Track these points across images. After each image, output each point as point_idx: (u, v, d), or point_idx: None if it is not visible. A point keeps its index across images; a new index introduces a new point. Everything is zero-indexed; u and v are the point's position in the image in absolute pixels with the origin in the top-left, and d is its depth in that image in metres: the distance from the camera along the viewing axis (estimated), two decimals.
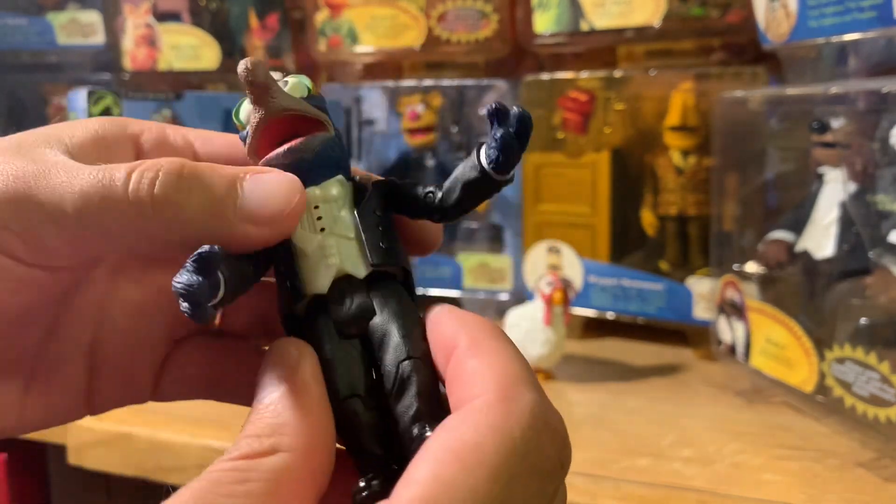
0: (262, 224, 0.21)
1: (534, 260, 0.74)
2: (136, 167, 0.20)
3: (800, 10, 0.54)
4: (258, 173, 0.21)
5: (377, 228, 0.22)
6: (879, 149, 0.51)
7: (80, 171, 0.20)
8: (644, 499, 0.44)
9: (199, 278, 0.19)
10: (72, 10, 0.92)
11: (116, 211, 0.20)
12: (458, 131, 0.80)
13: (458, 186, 0.22)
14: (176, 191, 0.20)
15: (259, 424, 0.19)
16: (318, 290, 0.22)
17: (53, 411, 0.24)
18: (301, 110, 0.22)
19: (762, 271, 0.60)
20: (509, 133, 0.21)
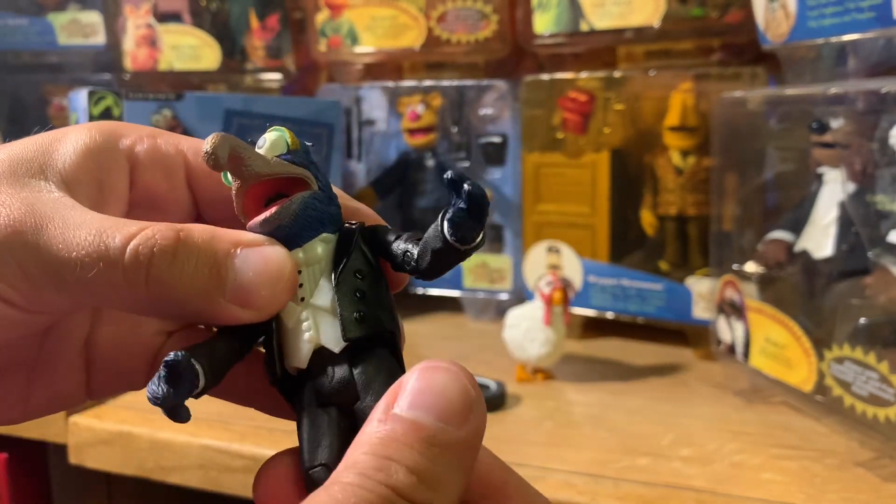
0: (249, 307, 0.21)
1: (533, 260, 0.74)
2: (132, 237, 0.20)
3: (799, 10, 0.54)
4: (251, 246, 0.22)
5: (354, 296, 0.22)
6: (879, 149, 0.51)
7: (77, 233, 0.20)
8: (643, 498, 0.44)
9: (167, 388, 0.21)
10: (72, 11, 0.93)
11: (111, 281, 0.20)
12: (458, 131, 0.81)
13: (427, 252, 0.22)
14: (168, 272, 0.20)
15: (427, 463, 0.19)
16: (297, 365, 0.22)
17: (56, 400, 0.25)
18: (276, 173, 0.22)
19: (761, 271, 0.60)
20: (462, 211, 0.21)
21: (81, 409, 0.57)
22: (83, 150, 0.23)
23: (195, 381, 0.21)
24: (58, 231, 0.20)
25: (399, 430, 0.18)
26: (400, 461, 0.18)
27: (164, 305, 0.21)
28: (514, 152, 0.78)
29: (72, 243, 0.20)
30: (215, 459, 0.51)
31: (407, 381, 0.19)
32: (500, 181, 0.80)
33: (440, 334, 0.76)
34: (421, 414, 0.19)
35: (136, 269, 0.20)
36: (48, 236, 0.20)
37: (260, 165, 0.22)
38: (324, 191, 0.23)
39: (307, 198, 0.22)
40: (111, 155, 0.24)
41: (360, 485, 0.17)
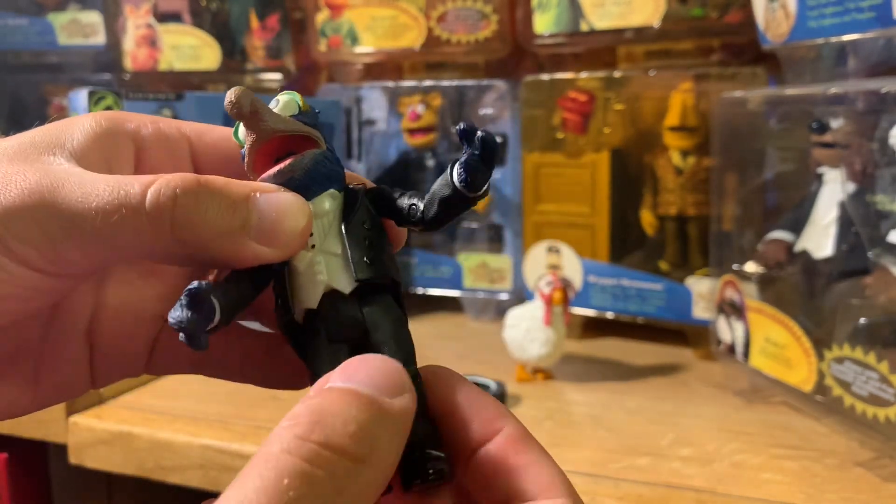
0: (272, 244, 0.22)
1: (533, 260, 0.74)
2: (150, 182, 0.21)
3: (799, 10, 0.55)
4: (268, 192, 0.22)
5: (363, 242, 0.23)
6: (878, 149, 0.51)
7: (95, 185, 0.21)
8: (643, 498, 0.44)
9: (190, 314, 0.21)
10: (73, 11, 0.93)
11: (134, 227, 0.20)
12: None
13: (435, 202, 0.24)
14: (193, 210, 0.21)
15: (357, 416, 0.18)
16: (308, 306, 0.23)
17: (62, 389, 0.25)
18: (290, 130, 0.23)
19: (761, 271, 0.60)
20: (475, 156, 0.22)
21: (82, 409, 0.57)
22: (90, 133, 0.23)
23: (212, 315, 0.22)
24: (74, 187, 0.21)
25: (333, 397, 0.18)
26: (336, 413, 0.18)
27: (188, 248, 0.21)
28: (514, 152, 0.78)
29: (90, 195, 0.20)
30: (215, 459, 0.51)
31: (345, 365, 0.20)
32: (500, 181, 0.80)
33: (440, 334, 0.76)
34: (355, 384, 0.19)
35: (159, 211, 0.20)
36: (65, 192, 0.21)
37: (275, 121, 0.23)
38: (332, 151, 0.24)
39: (317, 155, 0.24)
40: (117, 138, 0.24)
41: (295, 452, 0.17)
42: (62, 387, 0.25)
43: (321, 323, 0.23)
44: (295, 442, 0.17)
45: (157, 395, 0.59)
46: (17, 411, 0.25)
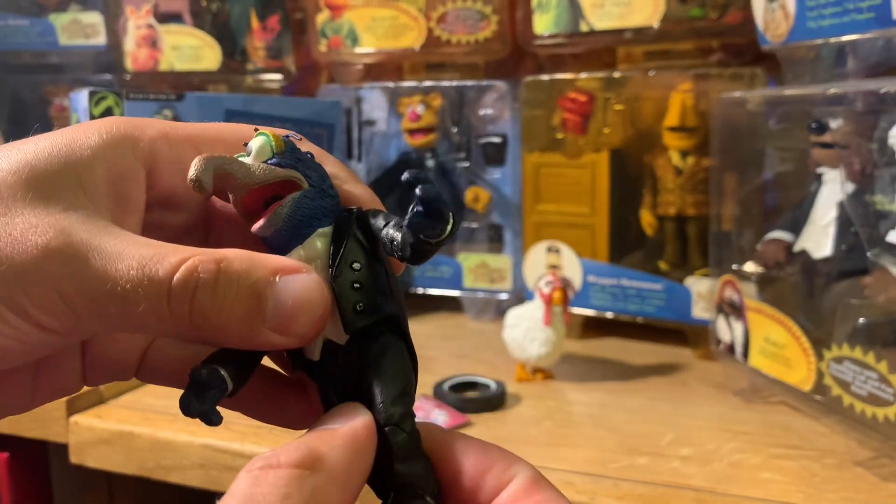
0: (287, 334, 0.22)
1: (533, 260, 0.74)
2: (175, 268, 0.21)
3: (798, 10, 0.55)
4: (287, 274, 0.22)
5: (352, 288, 0.23)
6: (878, 149, 0.51)
7: (120, 263, 0.21)
8: (643, 497, 0.44)
9: (197, 401, 0.22)
10: (73, 11, 0.93)
11: (156, 314, 0.21)
12: (458, 132, 0.81)
13: (406, 246, 0.23)
14: (211, 302, 0.21)
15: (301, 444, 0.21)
16: (311, 357, 0.24)
17: (58, 389, 0.26)
18: (264, 181, 0.23)
19: (761, 271, 0.60)
20: (419, 215, 0.22)
21: (82, 409, 0.57)
22: (102, 160, 0.23)
23: (224, 386, 0.22)
24: (98, 262, 0.21)
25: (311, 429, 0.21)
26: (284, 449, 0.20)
27: (205, 333, 0.21)
28: (514, 152, 0.78)
29: (115, 276, 0.20)
30: (215, 459, 0.51)
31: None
32: (500, 181, 0.80)
33: (440, 334, 0.76)
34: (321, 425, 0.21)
35: (181, 300, 0.21)
36: (90, 267, 0.21)
37: (246, 176, 0.23)
38: (315, 185, 0.24)
39: (297, 199, 0.23)
40: (129, 164, 0.24)
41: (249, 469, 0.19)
42: (57, 390, 0.26)
43: (324, 376, 0.24)
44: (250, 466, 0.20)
45: (157, 395, 0.60)
46: (13, 413, 0.25)
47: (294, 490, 0.19)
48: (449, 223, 0.22)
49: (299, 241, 0.23)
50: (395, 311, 0.24)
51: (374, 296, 0.23)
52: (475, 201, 0.80)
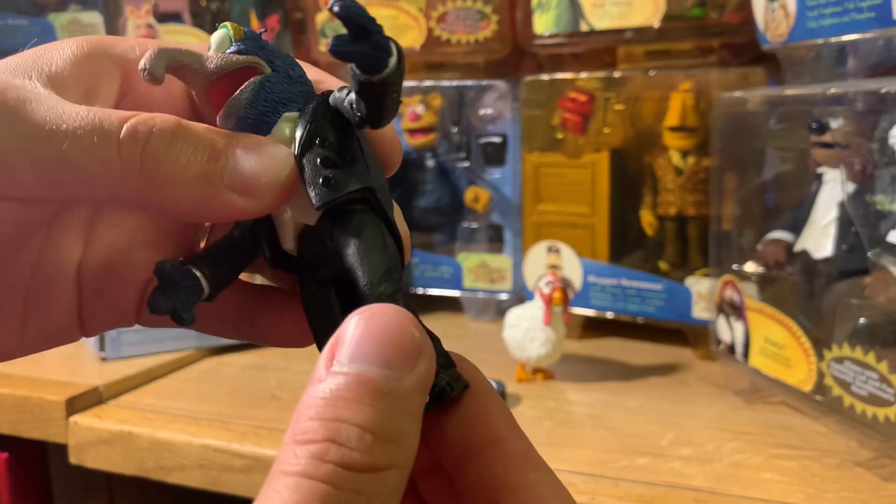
0: (247, 194, 0.20)
1: (533, 260, 0.74)
2: (128, 117, 0.19)
3: (799, 10, 0.55)
4: (253, 142, 0.21)
5: (317, 164, 0.21)
6: (878, 149, 0.51)
7: (68, 108, 0.19)
8: (643, 498, 0.44)
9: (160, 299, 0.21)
10: (73, 11, 0.93)
11: (104, 158, 0.19)
12: (458, 131, 0.81)
13: (360, 99, 0.21)
14: (166, 151, 0.19)
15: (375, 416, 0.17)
16: (287, 248, 0.22)
17: (50, 334, 0.24)
18: (223, 68, 0.22)
19: (761, 271, 0.60)
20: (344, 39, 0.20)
21: (82, 409, 0.57)
22: (71, 56, 0.22)
23: (196, 287, 0.21)
24: (44, 105, 0.19)
25: (343, 386, 0.17)
26: (350, 421, 0.16)
27: (157, 192, 0.20)
28: (514, 152, 0.78)
29: (62, 115, 0.19)
30: (215, 459, 0.51)
31: (345, 331, 0.18)
32: (500, 181, 0.80)
33: (440, 334, 0.76)
34: (365, 366, 0.17)
35: (132, 145, 0.19)
36: (32, 109, 0.19)
37: (202, 66, 0.22)
38: (279, 71, 0.22)
39: (257, 83, 0.22)
40: (101, 62, 0.23)
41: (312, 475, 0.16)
42: (50, 332, 0.24)
43: (302, 266, 0.22)
44: (312, 464, 0.16)
45: (157, 395, 0.60)
46: (2, 353, 0.23)
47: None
48: (391, 54, 0.20)
49: (268, 129, 0.22)
50: (371, 185, 0.21)
51: (346, 172, 0.21)
52: (475, 201, 0.80)
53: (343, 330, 0.18)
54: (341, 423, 0.16)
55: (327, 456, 0.16)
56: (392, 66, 0.20)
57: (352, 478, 0.16)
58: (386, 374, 0.17)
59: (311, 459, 0.16)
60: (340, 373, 0.17)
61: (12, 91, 0.20)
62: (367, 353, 0.17)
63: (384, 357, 0.17)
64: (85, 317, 0.25)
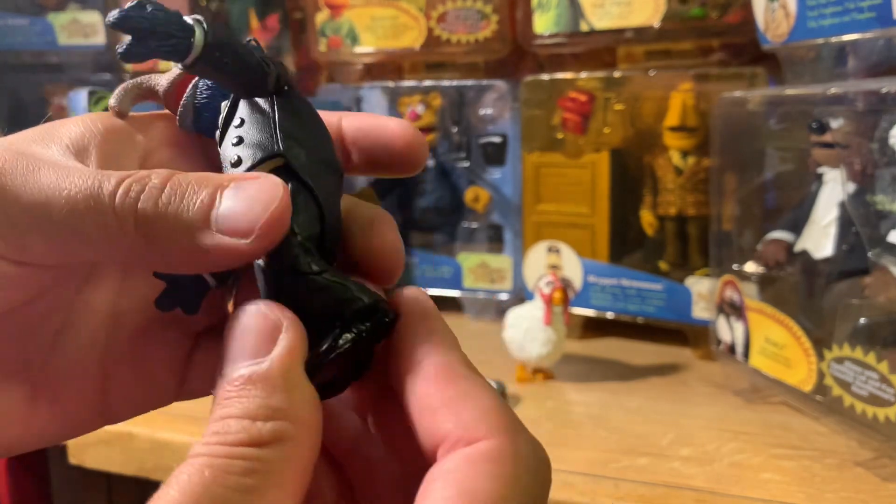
0: (244, 235, 0.19)
1: (533, 260, 0.74)
2: (126, 177, 0.19)
3: (799, 10, 0.55)
4: (241, 180, 0.20)
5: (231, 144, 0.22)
6: (878, 149, 0.51)
7: (70, 174, 0.19)
8: (643, 498, 0.44)
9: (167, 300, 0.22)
10: (73, 11, 0.93)
11: (101, 222, 0.19)
12: (458, 131, 0.81)
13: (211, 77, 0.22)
14: (155, 208, 0.19)
15: (249, 404, 0.18)
16: None
17: (64, 421, 0.23)
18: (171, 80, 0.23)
19: (761, 271, 0.60)
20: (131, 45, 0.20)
21: None
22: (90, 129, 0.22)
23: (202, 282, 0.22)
24: (49, 173, 0.19)
25: (224, 390, 0.19)
26: (232, 415, 0.18)
27: (154, 249, 0.19)
28: (514, 152, 0.78)
29: (62, 184, 0.19)
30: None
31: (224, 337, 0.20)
32: (500, 181, 0.80)
33: None
34: (233, 364, 0.19)
35: (123, 206, 0.19)
36: (36, 178, 0.19)
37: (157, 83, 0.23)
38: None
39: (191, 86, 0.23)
40: (121, 137, 0.23)
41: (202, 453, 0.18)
42: (63, 418, 0.23)
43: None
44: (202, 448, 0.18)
45: None
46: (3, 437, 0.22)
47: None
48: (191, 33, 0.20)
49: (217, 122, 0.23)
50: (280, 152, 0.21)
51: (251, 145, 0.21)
52: (475, 201, 0.80)
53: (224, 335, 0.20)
54: (227, 419, 0.18)
55: (212, 440, 0.18)
56: (199, 42, 0.20)
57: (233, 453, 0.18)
58: (247, 367, 0.19)
59: (202, 445, 0.18)
60: (222, 376, 0.19)
61: (20, 161, 0.20)
62: (233, 354, 0.19)
63: (244, 350, 0.19)
64: (111, 399, 0.24)
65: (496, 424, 0.18)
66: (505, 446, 0.18)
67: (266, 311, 0.19)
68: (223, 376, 0.19)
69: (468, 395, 0.19)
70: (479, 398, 0.19)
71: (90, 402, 0.23)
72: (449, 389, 0.19)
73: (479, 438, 0.18)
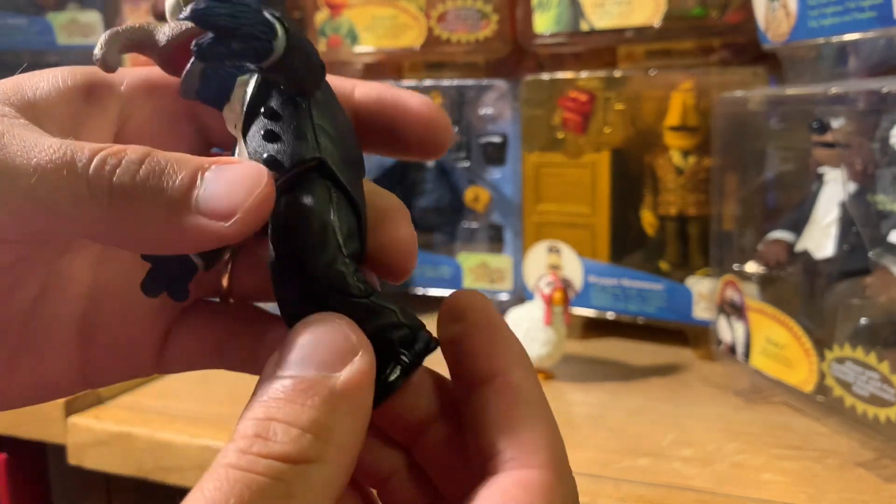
0: (223, 218, 0.19)
1: (534, 260, 0.74)
2: (101, 149, 0.19)
3: (800, 10, 0.54)
4: (223, 163, 0.19)
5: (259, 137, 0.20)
6: (879, 149, 0.51)
7: (39, 143, 0.19)
8: (644, 498, 0.44)
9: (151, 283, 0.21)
10: (72, 11, 0.92)
11: (74, 193, 0.18)
12: (458, 131, 0.80)
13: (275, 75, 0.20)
14: (132, 182, 0.18)
15: (301, 413, 0.17)
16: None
17: (45, 384, 0.23)
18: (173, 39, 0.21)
19: (762, 271, 0.60)
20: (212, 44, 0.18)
21: (81, 410, 0.57)
22: (60, 84, 0.21)
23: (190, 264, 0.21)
24: (15, 142, 0.19)
25: (280, 389, 0.18)
26: (280, 419, 0.17)
27: (129, 226, 0.19)
28: (514, 152, 0.78)
29: (31, 150, 0.18)
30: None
31: (288, 340, 0.19)
32: (500, 181, 0.80)
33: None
34: (297, 368, 0.18)
35: (99, 179, 0.18)
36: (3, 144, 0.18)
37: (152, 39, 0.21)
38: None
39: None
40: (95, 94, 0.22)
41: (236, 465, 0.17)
42: (45, 382, 0.23)
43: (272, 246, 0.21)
44: (237, 456, 0.17)
45: (156, 396, 0.59)
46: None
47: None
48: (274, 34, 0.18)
49: (226, 98, 0.21)
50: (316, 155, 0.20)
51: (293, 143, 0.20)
52: (475, 201, 0.80)
53: (287, 339, 0.19)
54: (272, 421, 0.17)
55: (252, 448, 0.17)
56: (280, 47, 0.19)
57: (273, 467, 0.17)
58: (318, 375, 0.18)
59: (237, 453, 0.17)
60: (278, 377, 0.18)
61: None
62: (300, 358, 0.18)
63: (318, 360, 0.18)
64: (91, 366, 0.23)
65: (551, 456, 0.19)
66: (556, 479, 0.19)
67: (348, 331, 0.19)
68: (278, 376, 0.18)
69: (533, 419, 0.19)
70: (542, 426, 0.19)
71: (69, 367, 0.23)
72: (517, 410, 0.19)
73: (534, 466, 0.18)
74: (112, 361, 0.24)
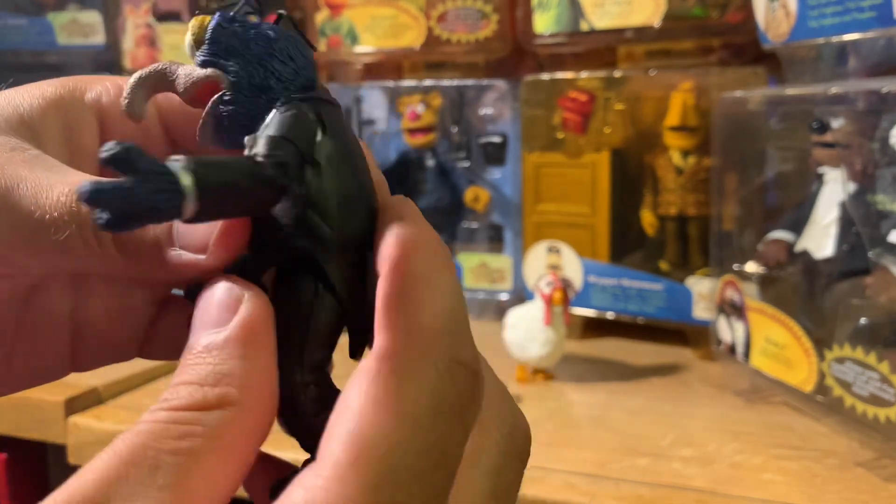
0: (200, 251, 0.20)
1: (534, 260, 0.74)
2: None
3: (800, 10, 0.54)
4: None
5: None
6: (879, 149, 0.51)
7: (51, 192, 0.20)
8: (644, 498, 0.44)
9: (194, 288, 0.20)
10: (72, 11, 0.92)
11: (84, 243, 0.20)
12: (458, 131, 0.80)
13: None
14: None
15: (201, 370, 0.18)
16: None
17: (38, 372, 0.24)
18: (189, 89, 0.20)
19: (762, 271, 0.60)
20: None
21: (81, 410, 0.57)
22: (43, 101, 0.22)
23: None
24: (30, 191, 0.20)
25: (183, 359, 0.19)
26: (182, 382, 0.18)
27: (133, 264, 0.20)
28: (514, 152, 0.78)
29: (45, 205, 0.20)
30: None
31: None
32: (500, 181, 0.80)
33: None
34: (194, 338, 0.19)
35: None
36: (18, 197, 0.20)
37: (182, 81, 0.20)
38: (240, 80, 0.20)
39: (212, 107, 0.20)
40: (78, 112, 0.23)
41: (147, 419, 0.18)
42: (37, 371, 0.24)
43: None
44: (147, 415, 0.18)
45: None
46: None
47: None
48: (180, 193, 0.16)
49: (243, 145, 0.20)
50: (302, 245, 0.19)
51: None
52: (475, 201, 0.80)
53: None
54: (178, 386, 0.18)
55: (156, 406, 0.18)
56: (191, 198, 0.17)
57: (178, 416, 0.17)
58: (207, 337, 0.19)
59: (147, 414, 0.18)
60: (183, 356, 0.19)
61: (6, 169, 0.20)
62: (196, 326, 0.19)
63: (210, 322, 0.19)
64: (80, 356, 0.24)
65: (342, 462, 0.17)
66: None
67: (230, 284, 0.19)
68: (186, 349, 0.19)
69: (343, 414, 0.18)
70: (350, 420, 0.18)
71: (61, 356, 0.24)
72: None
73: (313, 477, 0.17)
74: (98, 350, 0.25)
